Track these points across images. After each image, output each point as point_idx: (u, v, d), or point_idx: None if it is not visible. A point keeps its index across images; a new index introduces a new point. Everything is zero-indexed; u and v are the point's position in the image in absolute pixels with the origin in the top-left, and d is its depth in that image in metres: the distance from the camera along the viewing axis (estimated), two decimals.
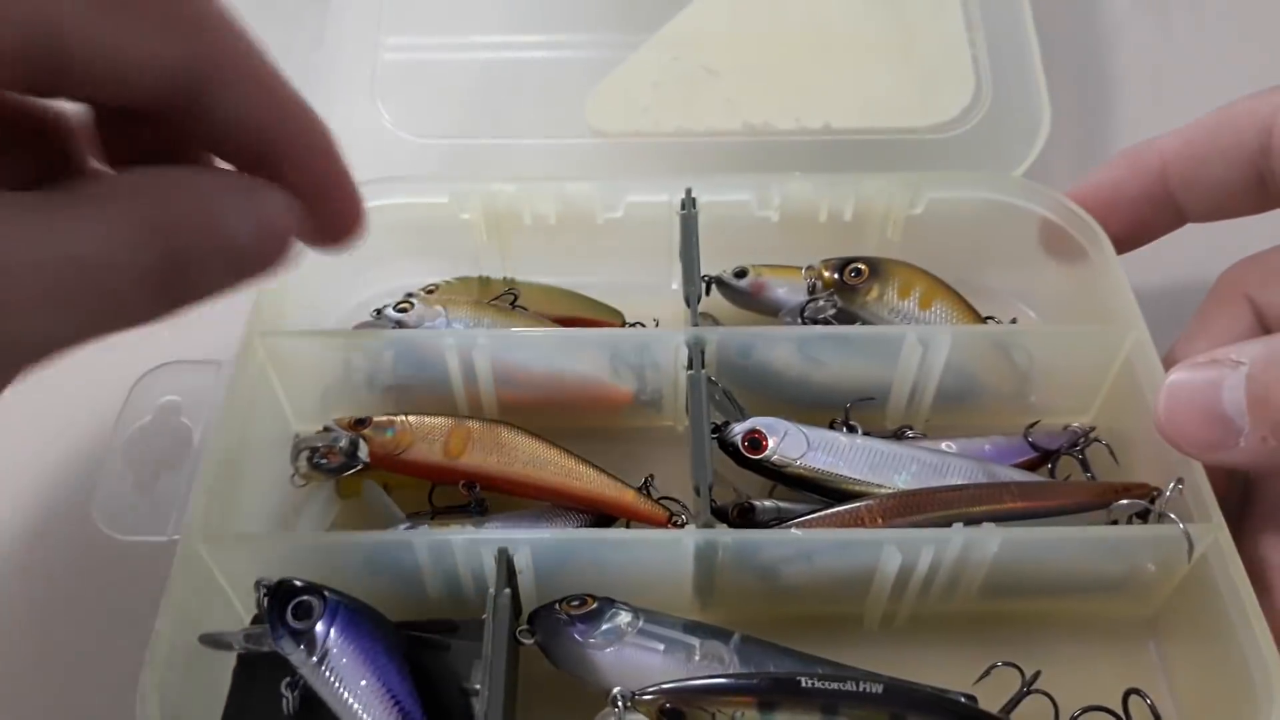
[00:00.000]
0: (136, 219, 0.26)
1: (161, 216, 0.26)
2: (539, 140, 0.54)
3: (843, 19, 0.58)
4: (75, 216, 0.25)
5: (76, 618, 0.43)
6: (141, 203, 0.26)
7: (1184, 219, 0.45)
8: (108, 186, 0.27)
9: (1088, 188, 0.46)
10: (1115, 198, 0.45)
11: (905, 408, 0.45)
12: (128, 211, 0.26)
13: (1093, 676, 0.39)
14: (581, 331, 0.46)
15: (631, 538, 0.39)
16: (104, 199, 0.26)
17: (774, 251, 0.48)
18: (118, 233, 0.25)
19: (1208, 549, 0.37)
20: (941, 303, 0.47)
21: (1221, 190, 0.43)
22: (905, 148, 0.54)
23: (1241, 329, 0.41)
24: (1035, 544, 0.38)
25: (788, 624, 0.40)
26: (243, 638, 0.36)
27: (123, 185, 0.27)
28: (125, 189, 0.27)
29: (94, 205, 0.26)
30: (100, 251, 0.25)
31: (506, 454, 0.42)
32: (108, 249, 0.25)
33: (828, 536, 0.38)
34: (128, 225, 0.26)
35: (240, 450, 0.40)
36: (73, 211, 0.25)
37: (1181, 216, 0.45)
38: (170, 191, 0.27)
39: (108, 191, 0.26)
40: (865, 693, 0.34)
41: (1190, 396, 0.36)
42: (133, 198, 0.26)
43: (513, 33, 0.58)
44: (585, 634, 0.36)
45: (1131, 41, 0.64)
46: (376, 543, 0.38)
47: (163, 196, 0.27)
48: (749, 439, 0.41)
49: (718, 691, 0.34)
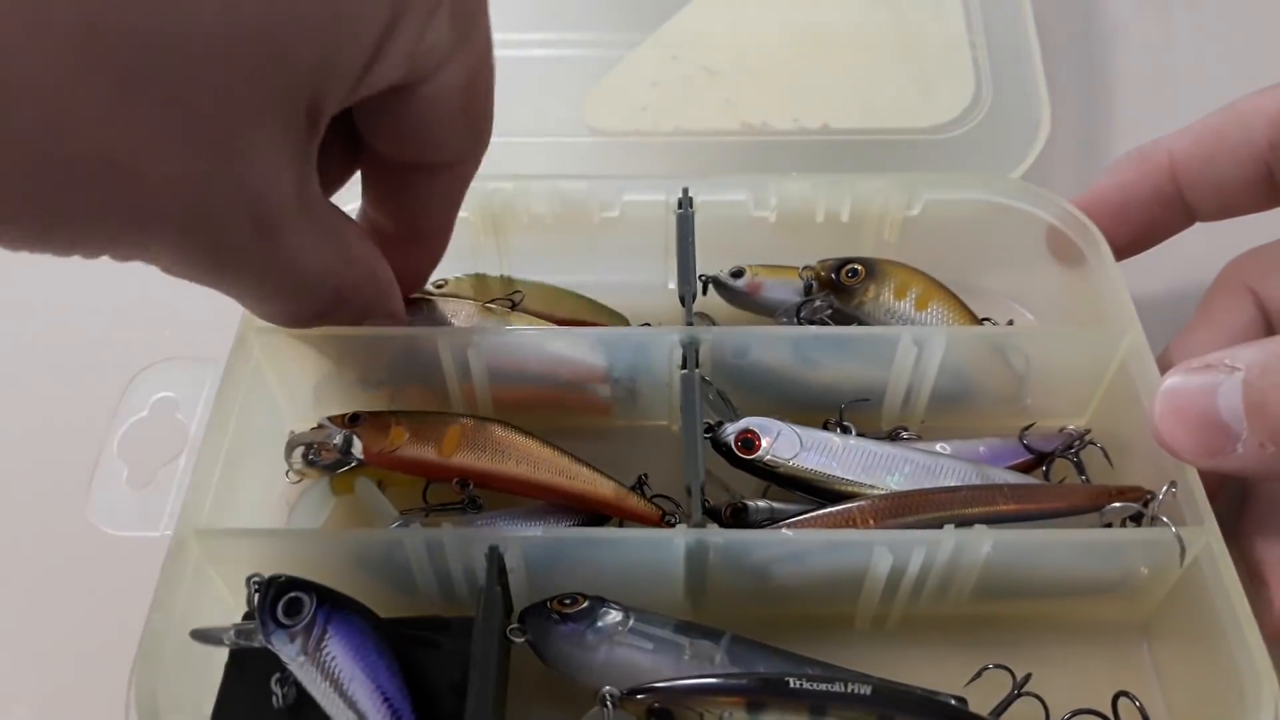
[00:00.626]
0: (350, 274, 0.33)
1: (360, 281, 0.34)
2: (537, 139, 0.54)
3: (842, 19, 0.58)
4: (333, 246, 0.32)
5: (71, 612, 0.43)
6: (360, 263, 0.33)
7: (1193, 219, 0.45)
8: (355, 233, 0.34)
9: (1097, 191, 0.46)
10: (1126, 200, 0.45)
11: (900, 409, 0.45)
12: (351, 263, 0.33)
13: (1085, 679, 0.39)
14: (576, 330, 0.46)
15: (622, 537, 0.39)
16: (350, 244, 0.33)
17: (771, 252, 0.48)
18: (335, 273, 0.32)
19: (1200, 553, 0.37)
20: (938, 304, 0.47)
21: (1231, 188, 0.43)
22: (904, 148, 0.54)
23: (1244, 321, 0.41)
24: (1027, 546, 0.38)
25: (779, 624, 0.40)
26: (234, 633, 0.36)
27: (359, 242, 0.34)
28: (361, 247, 0.34)
29: (341, 244, 0.32)
30: (320, 274, 0.31)
31: (500, 452, 0.42)
32: (323, 276, 0.32)
33: (819, 537, 0.38)
34: (344, 270, 0.32)
35: (235, 446, 0.40)
36: (335, 241, 0.32)
37: (1191, 216, 0.45)
38: (375, 267, 0.35)
39: (354, 238, 0.33)
40: (854, 694, 0.34)
41: (1186, 402, 0.36)
42: (360, 259, 0.33)
43: (511, 31, 0.58)
44: (576, 632, 0.36)
45: (1131, 42, 0.63)
46: (368, 540, 0.38)
47: (370, 268, 0.34)
48: (742, 439, 0.41)
49: (706, 691, 0.34)
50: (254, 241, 0.28)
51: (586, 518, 0.42)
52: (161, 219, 0.25)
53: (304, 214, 0.29)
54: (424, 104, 0.31)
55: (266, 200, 0.27)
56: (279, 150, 0.27)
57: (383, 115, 0.32)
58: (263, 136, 0.26)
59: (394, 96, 0.31)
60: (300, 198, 0.29)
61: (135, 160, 0.24)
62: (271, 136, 0.26)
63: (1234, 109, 0.43)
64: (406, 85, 0.30)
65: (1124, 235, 0.45)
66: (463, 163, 0.35)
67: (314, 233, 0.30)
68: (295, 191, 0.28)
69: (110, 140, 0.24)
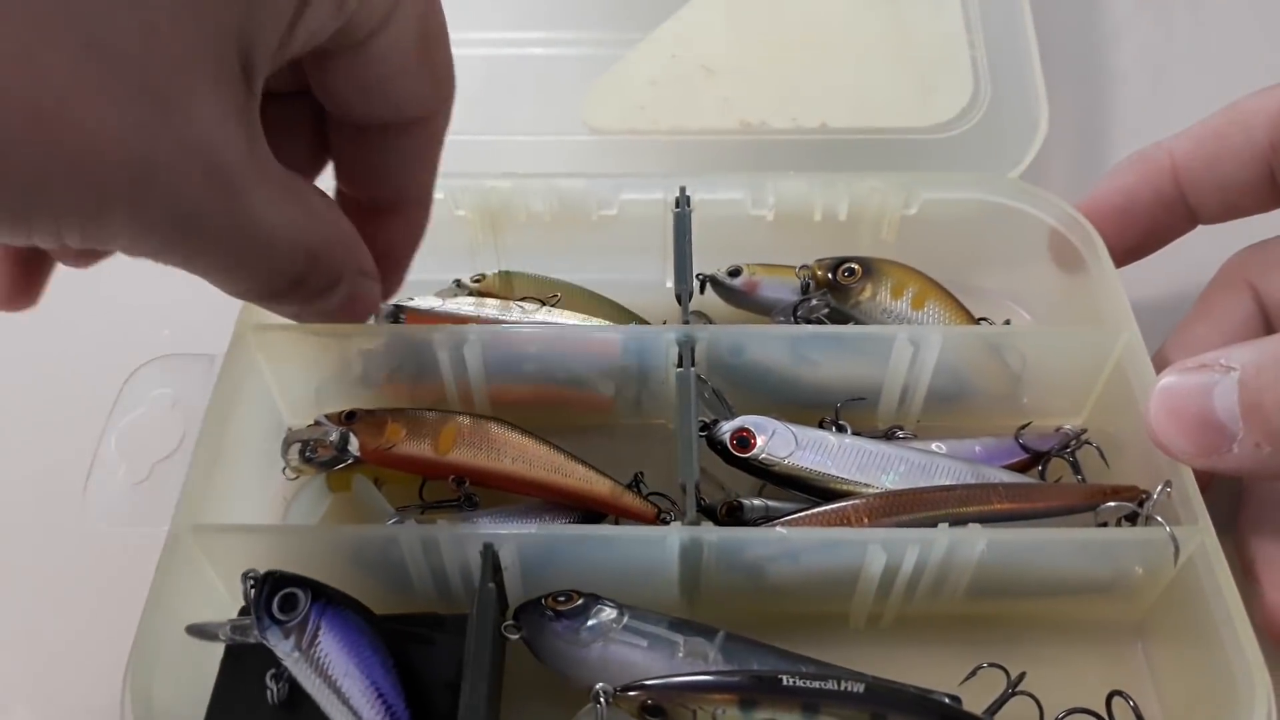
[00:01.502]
0: (319, 231, 0.31)
1: (331, 239, 0.32)
2: (535, 137, 0.54)
3: (841, 18, 0.58)
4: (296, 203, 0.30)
5: (69, 608, 0.43)
6: (327, 221, 0.32)
7: (1195, 221, 0.45)
8: (317, 193, 0.32)
9: (1099, 196, 0.46)
10: (1128, 204, 0.45)
11: (896, 408, 0.45)
12: (318, 220, 0.32)
13: (1079, 679, 0.39)
14: (573, 329, 0.46)
15: (617, 534, 0.39)
16: (313, 201, 0.31)
17: (768, 250, 0.48)
18: (302, 230, 0.30)
19: (1194, 552, 0.37)
20: (934, 303, 0.47)
21: (1233, 189, 0.43)
22: (902, 148, 0.54)
23: (1241, 316, 0.41)
24: (1022, 546, 0.38)
25: (774, 622, 0.40)
26: (229, 629, 0.36)
27: (322, 200, 0.33)
28: (325, 204, 0.32)
29: (303, 201, 0.31)
30: (286, 232, 0.30)
31: (495, 450, 0.42)
32: (289, 234, 0.30)
33: (813, 535, 0.38)
34: (312, 228, 0.31)
35: (232, 443, 0.40)
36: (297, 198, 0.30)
37: (1193, 219, 0.45)
38: (342, 224, 0.33)
39: (316, 196, 0.32)
40: (847, 692, 0.34)
41: (1181, 401, 0.36)
42: (326, 215, 0.32)
43: (510, 30, 0.58)
44: (570, 630, 0.36)
45: (1131, 42, 0.63)
46: (363, 536, 0.38)
47: (338, 225, 0.33)
48: (737, 437, 0.41)
49: (699, 689, 0.34)
50: (212, 198, 0.27)
51: (582, 515, 0.42)
52: (109, 177, 0.24)
53: (260, 172, 0.28)
54: (379, 60, 0.31)
55: (218, 153, 0.27)
56: (219, 102, 0.26)
57: (342, 78, 0.32)
58: (200, 84, 0.26)
59: (348, 58, 0.31)
60: (253, 155, 0.28)
61: (65, 108, 0.23)
62: (208, 86, 0.26)
63: (1235, 109, 0.42)
64: (356, 44, 0.30)
65: (1127, 239, 0.45)
66: (432, 117, 0.34)
67: (274, 189, 0.29)
68: (247, 149, 0.28)
69: (34, 84, 0.23)
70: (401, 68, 0.32)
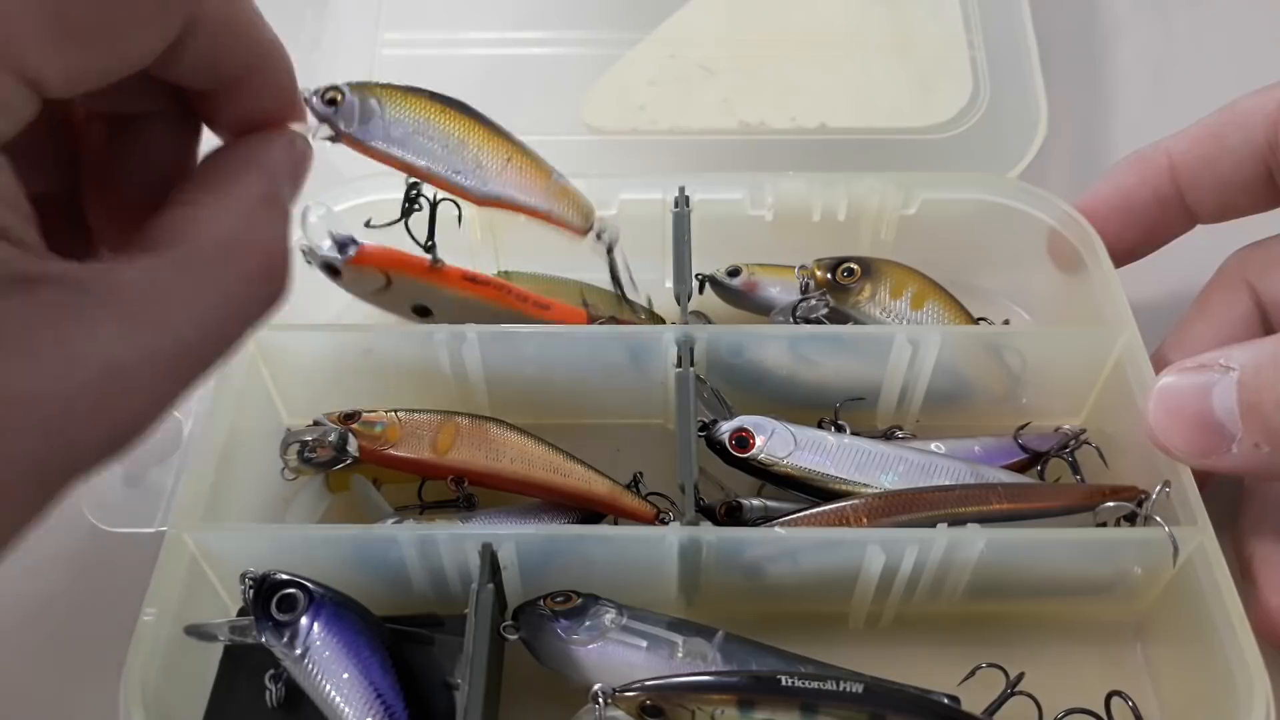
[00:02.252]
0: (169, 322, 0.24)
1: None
2: (535, 137, 0.54)
3: (840, 18, 0.58)
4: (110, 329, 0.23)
5: (65, 608, 0.43)
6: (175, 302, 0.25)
7: (1194, 221, 0.45)
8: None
9: (1097, 196, 0.46)
10: (1127, 204, 0.45)
11: (895, 408, 0.45)
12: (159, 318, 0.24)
13: (1078, 679, 0.39)
14: (571, 328, 0.46)
15: (615, 534, 0.39)
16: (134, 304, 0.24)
17: (767, 250, 0.48)
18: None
19: (1193, 553, 0.37)
20: (933, 303, 0.47)
21: (1231, 189, 0.43)
22: (902, 148, 0.54)
23: (1240, 315, 0.41)
24: (1021, 546, 0.38)
25: (773, 622, 0.40)
26: (228, 629, 0.36)
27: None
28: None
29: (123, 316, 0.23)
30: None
31: (494, 450, 0.42)
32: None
33: (812, 536, 0.38)
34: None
35: (230, 443, 0.40)
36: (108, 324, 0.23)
37: (1191, 219, 0.45)
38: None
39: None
40: (845, 692, 0.34)
41: (1180, 401, 0.36)
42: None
43: (510, 30, 0.58)
44: (569, 630, 0.36)
45: (1130, 42, 0.63)
46: (362, 537, 0.38)
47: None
48: (736, 437, 0.41)
49: (698, 689, 0.34)
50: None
51: (581, 515, 0.42)
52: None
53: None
54: (207, 45, 0.27)
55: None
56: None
57: (189, 69, 0.28)
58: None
59: (178, 53, 0.27)
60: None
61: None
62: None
63: (1233, 109, 0.42)
64: (176, 40, 0.27)
65: (1126, 240, 0.45)
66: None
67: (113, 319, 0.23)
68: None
69: None
70: (232, 36, 0.27)
